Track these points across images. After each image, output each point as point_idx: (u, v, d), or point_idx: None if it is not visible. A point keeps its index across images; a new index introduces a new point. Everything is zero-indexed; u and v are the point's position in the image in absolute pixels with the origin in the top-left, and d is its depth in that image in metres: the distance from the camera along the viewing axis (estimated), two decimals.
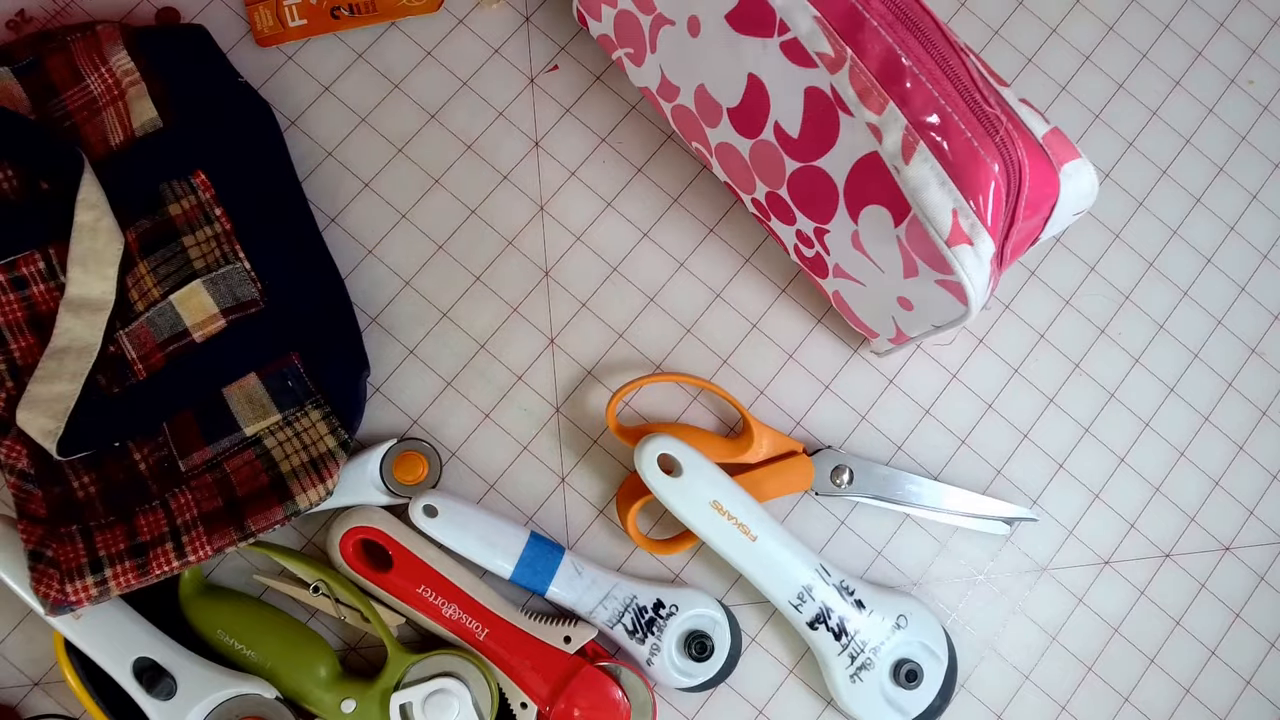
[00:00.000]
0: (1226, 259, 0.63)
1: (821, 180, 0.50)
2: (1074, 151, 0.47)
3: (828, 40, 0.45)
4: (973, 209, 0.44)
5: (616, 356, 0.59)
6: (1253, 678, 0.59)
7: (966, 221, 0.44)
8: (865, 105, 0.45)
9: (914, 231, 0.46)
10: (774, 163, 0.52)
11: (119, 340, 0.53)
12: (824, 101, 0.47)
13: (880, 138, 0.45)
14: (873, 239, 0.49)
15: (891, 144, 0.45)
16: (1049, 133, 0.47)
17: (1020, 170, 0.45)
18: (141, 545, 0.50)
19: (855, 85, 0.45)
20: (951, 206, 0.44)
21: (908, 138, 0.44)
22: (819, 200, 0.51)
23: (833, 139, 0.48)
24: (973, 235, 0.44)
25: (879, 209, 0.47)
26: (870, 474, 0.58)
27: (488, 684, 0.52)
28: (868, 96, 0.45)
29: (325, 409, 0.53)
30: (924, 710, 0.54)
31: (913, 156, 0.44)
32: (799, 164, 0.50)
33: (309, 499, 0.51)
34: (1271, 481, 0.61)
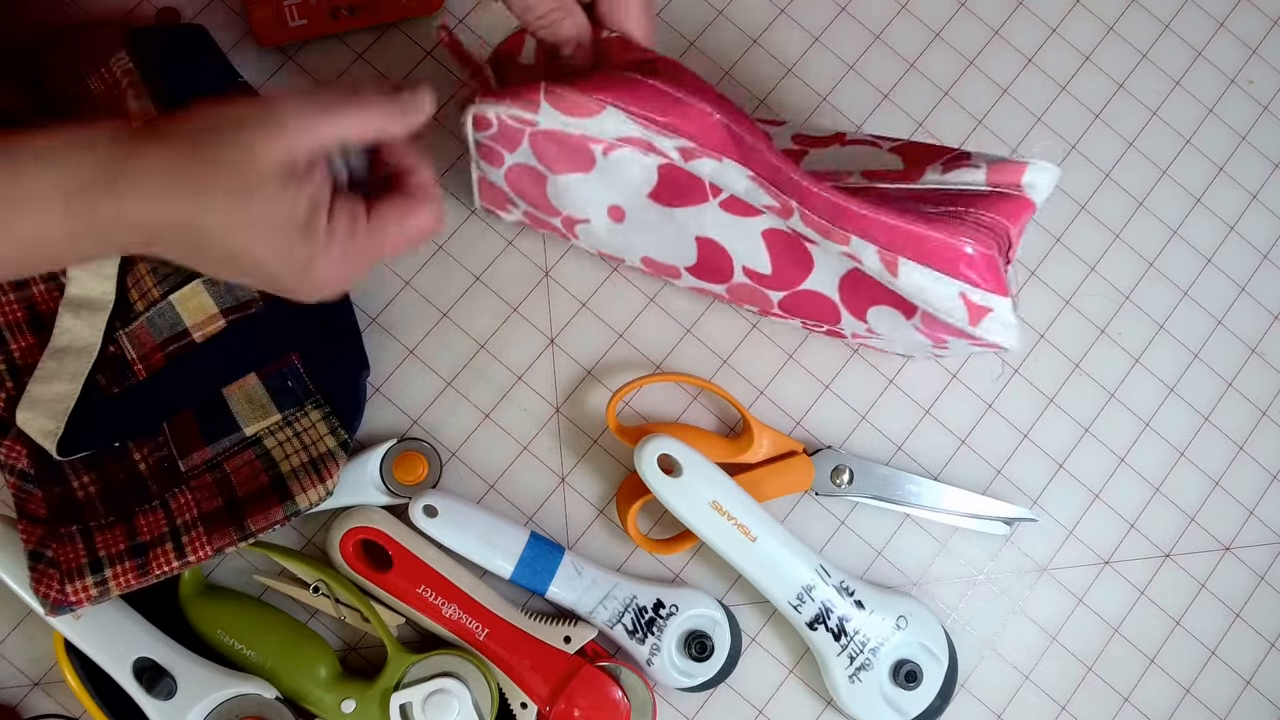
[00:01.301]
0: (1226, 259, 0.63)
1: (815, 298, 0.49)
2: (1018, 166, 0.45)
3: (769, 194, 0.44)
4: (976, 286, 0.44)
5: (616, 356, 0.59)
6: (1253, 678, 0.59)
7: (977, 297, 0.44)
8: (831, 240, 0.44)
9: (930, 320, 0.46)
10: (757, 295, 0.51)
11: (119, 340, 0.53)
12: (786, 238, 0.46)
13: (859, 260, 0.44)
14: (889, 329, 0.49)
15: (872, 264, 0.44)
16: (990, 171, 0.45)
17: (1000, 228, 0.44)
18: (141, 545, 0.50)
19: (813, 227, 0.44)
20: (958, 293, 0.44)
21: (885, 256, 0.44)
22: (819, 312, 0.51)
23: (809, 264, 0.47)
24: (988, 304, 0.44)
25: (885, 309, 0.47)
26: (870, 474, 0.57)
27: (488, 684, 0.52)
28: (829, 234, 0.44)
29: (325, 409, 0.53)
30: (924, 710, 0.54)
31: (898, 269, 0.44)
32: (784, 292, 0.50)
33: (309, 499, 0.51)
34: (1271, 481, 0.61)
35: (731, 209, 0.46)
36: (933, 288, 0.44)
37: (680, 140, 0.44)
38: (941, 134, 0.62)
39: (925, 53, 0.63)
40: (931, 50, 0.64)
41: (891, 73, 0.63)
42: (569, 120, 0.44)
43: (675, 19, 0.62)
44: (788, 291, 0.50)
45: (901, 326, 0.48)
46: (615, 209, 0.49)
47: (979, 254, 0.44)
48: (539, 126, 0.44)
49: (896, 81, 0.63)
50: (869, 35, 0.63)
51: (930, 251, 0.43)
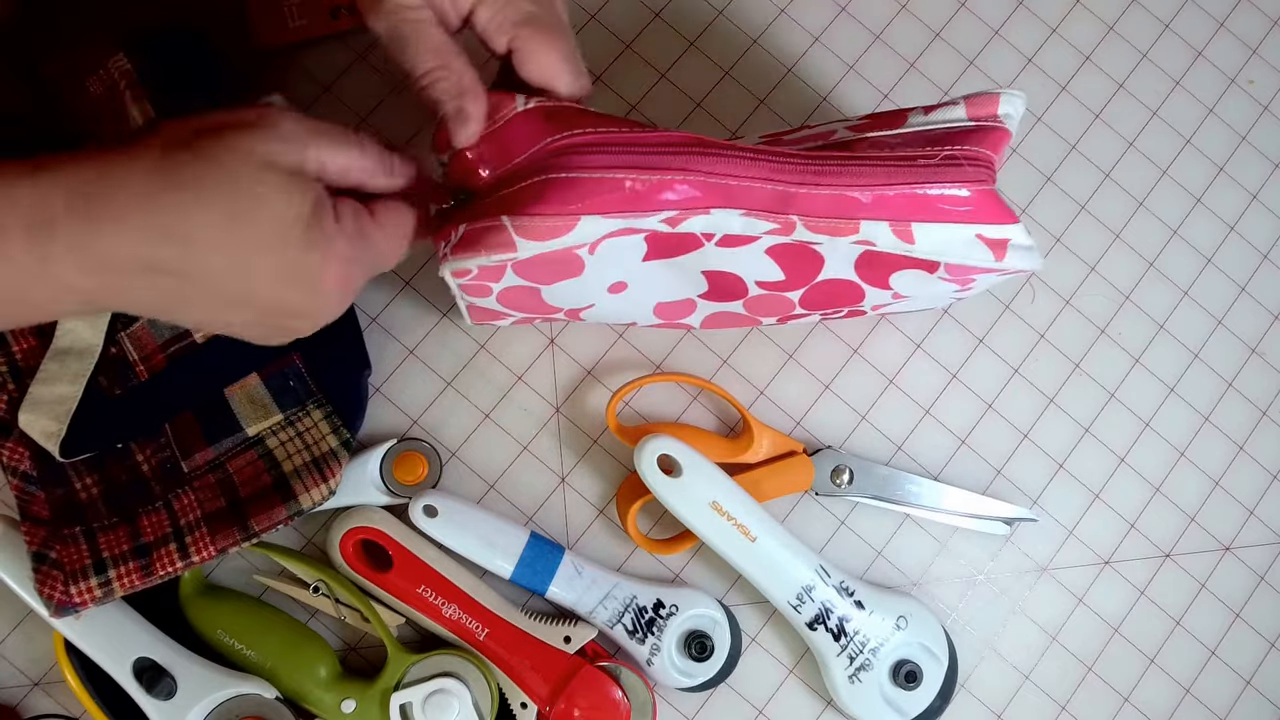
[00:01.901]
0: (1226, 259, 0.63)
1: (834, 285, 0.49)
2: (992, 97, 0.46)
3: (766, 220, 0.44)
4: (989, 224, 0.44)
5: (616, 356, 0.59)
6: (1253, 678, 0.59)
7: (993, 233, 0.44)
8: (840, 235, 0.44)
9: (955, 269, 0.46)
10: (776, 302, 0.51)
11: (120, 341, 0.53)
12: (790, 248, 0.46)
13: (873, 243, 0.44)
14: (916, 288, 0.49)
15: (887, 242, 0.44)
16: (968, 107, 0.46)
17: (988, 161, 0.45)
18: (145, 546, 0.50)
19: (819, 230, 0.44)
20: (975, 235, 0.44)
21: (897, 229, 0.44)
22: (842, 297, 0.51)
23: (819, 262, 0.47)
24: (1005, 235, 0.44)
25: (909, 271, 0.47)
26: (870, 474, 0.57)
27: (488, 684, 0.52)
28: (837, 230, 0.44)
29: (327, 408, 0.53)
30: (923, 711, 0.54)
31: (914, 236, 0.44)
32: (802, 289, 0.50)
33: (312, 499, 0.51)
34: (1271, 481, 0.61)
35: (730, 244, 0.46)
36: (951, 238, 0.44)
37: (663, 213, 0.43)
38: None
39: (925, 53, 0.63)
40: (931, 50, 0.64)
41: (891, 73, 0.63)
42: (547, 244, 0.43)
43: (675, 19, 0.62)
44: (806, 287, 0.50)
45: (927, 282, 0.48)
46: (616, 285, 0.49)
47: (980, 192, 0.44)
48: (519, 256, 0.43)
49: (896, 81, 0.63)
50: (869, 35, 0.63)
51: (940, 205, 0.44)
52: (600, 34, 0.62)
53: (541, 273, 0.46)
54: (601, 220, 0.42)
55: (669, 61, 0.62)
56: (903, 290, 0.49)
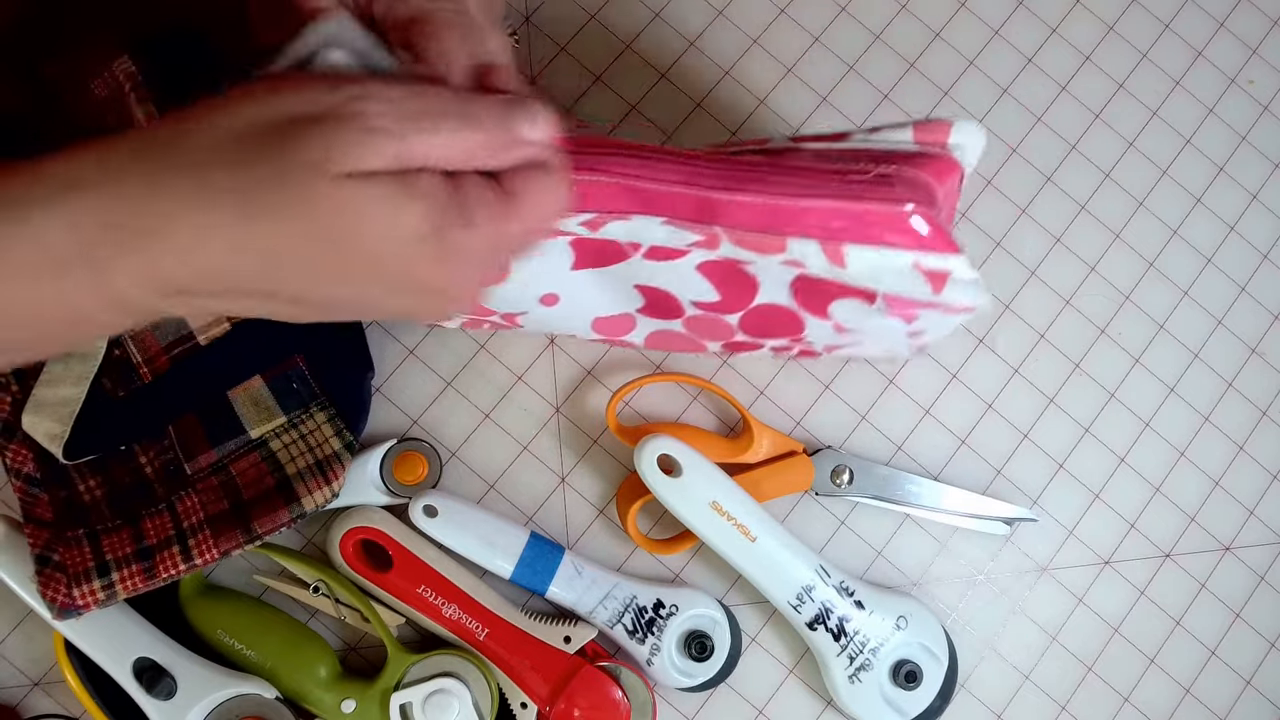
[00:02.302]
0: (1226, 259, 0.63)
1: (771, 311, 0.48)
2: (943, 124, 0.44)
3: (691, 230, 0.42)
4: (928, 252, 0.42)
5: (616, 356, 0.59)
6: (1253, 678, 0.59)
7: (930, 262, 0.42)
8: (766, 253, 0.42)
9: (893, 300, 0.44)
10: (716, 324, 0.50)
11: (124, 343, 0.53)
12: (722, 265, 0.45)
13: (803, 265, 0.42)
14: (855, 320, 0.47)
15: (817, 264, 0.42)
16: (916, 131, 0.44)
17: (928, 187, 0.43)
18: (148, 549, 0.50)
19: (745, 246, 0.42)
20: (910, 263, 0.42)
21: (828, 250, 0.42)
22: (780, 325, 0.49)
23: (753, 284, 0.46)
24: (945, 266, 0.42)
25: (846, 300, 0.45)
26: (870, 474, 0.57)
27: (488, 684, 0.52)
28: (763, 247, 0.42)
29: (330, 410, 0.53)
30: (923, 711, 0.54)
31: (845, 258, 0.42)
32: (740, 312, 0.48)
33: (315, 501, 0.51)
34: (1271, 481, 0.61)
35: (657, 257, 0.45)
36: (885, 265, 0.42)
37: (581, 215, 0.42)
38: None
39: (925, 53, 0.63)
40: (931, 50, 0.64)
41: (891, 73, 0.63)
42: None
43: (675, 19, 0.62)
44: (743, 311, 0.48)
45: (868, 314, 0.46)
46: (548, 297, 0.48)
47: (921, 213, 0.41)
48: None
49: (896, 81, 0.63)
50: (869, 35, 0.63)
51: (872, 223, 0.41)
52: (600, 34, 0.62)
53: None
54: None
55: (669, 61, 0.62)
56: (844, 322, 0.47)
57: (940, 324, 0.47)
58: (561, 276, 0.47)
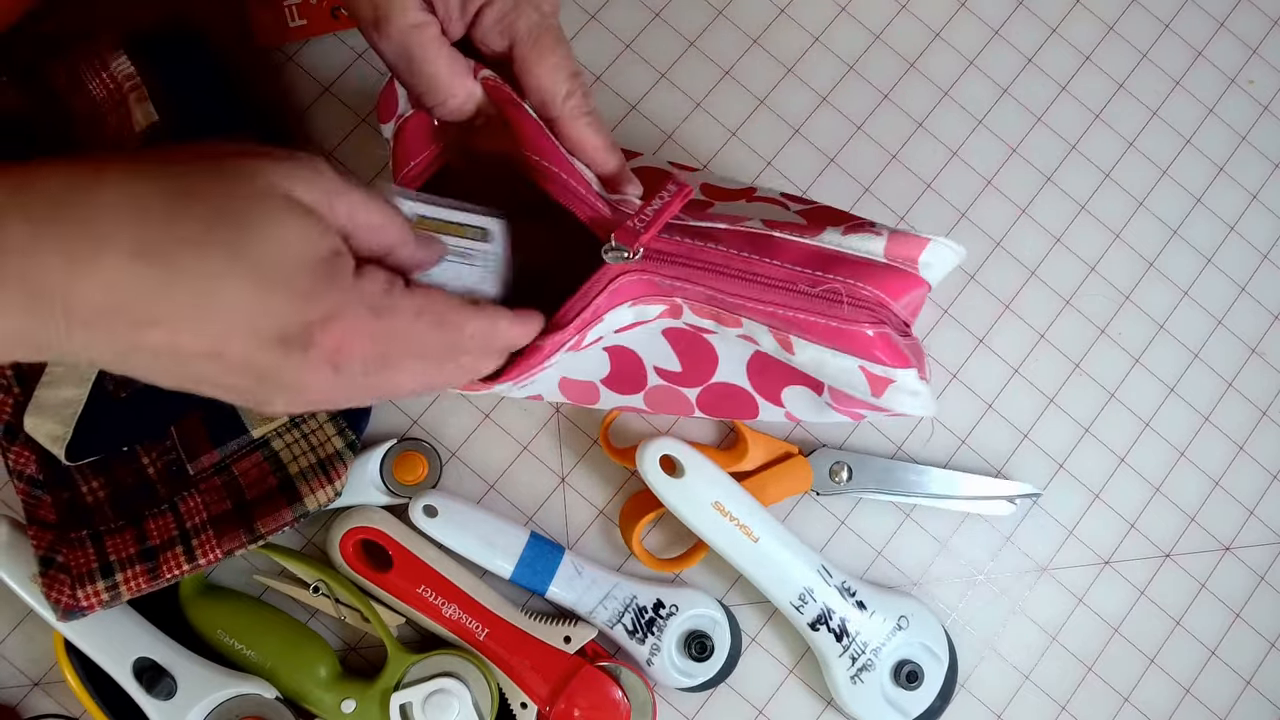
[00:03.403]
0: (1226, 259, 0.63)
1: (728, 390, 0.49)
2: (920, 241, 0.44)
3: (655, 304, 0.44)
4: (874, 361, 0.43)
5: None
6: (1253, 678, 0.59)
7: (878, 370, 0.43)
8: (724, 325, 0.44)
9: (839, 395, 0.46)
10: (675, 398, 0.51)
11: None
12: (685, 334, 0.46)
13: (756, 341, 0.44)
14: (807, 411, 0.49)
15: (768, 344, 0.44)
16: (889, 243, 0.43)
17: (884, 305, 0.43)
18: (152, 549, 0.50)
19: (704, 315, 0.44)
20: (857, 365, 0.43)
21: (778, 336, 0.43)
22: (736, 405, 0.50)
23: (713, 356, 0.47)
24: (890, 375, 0.43)
25: (797, 388, 0.47)
26: (869, 468, 0.57)
27: (488, 684, 0.52)
28: (722, 319, 0.44)
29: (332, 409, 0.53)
30: (924, 711, 0.54)
31: (793, 346, 0.43)
32: (698, 388, 0.50)
33: (318, 500, 0.51)
34: (1271, 481, 0.61)
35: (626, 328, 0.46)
36: (831, 361, 0.43)
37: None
38: (941, 134, 0.62)
39: (925, 53, 0.63)
40: (931, 51, 0.64)
41: (891, 73, 0.63)
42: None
43: (675, 19, 0.62)
44: (702, 387, 0.50)
45: (818, 405, 0.48)
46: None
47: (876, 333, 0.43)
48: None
49: (896, 82, 0.63)
50: (869, 35, 0.63)
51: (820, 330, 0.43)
52: (600, 34, 0.62)
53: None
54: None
55: (669, 62, 0.62)
56: (795, 411, 0.49)
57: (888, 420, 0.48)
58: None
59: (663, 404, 0.52)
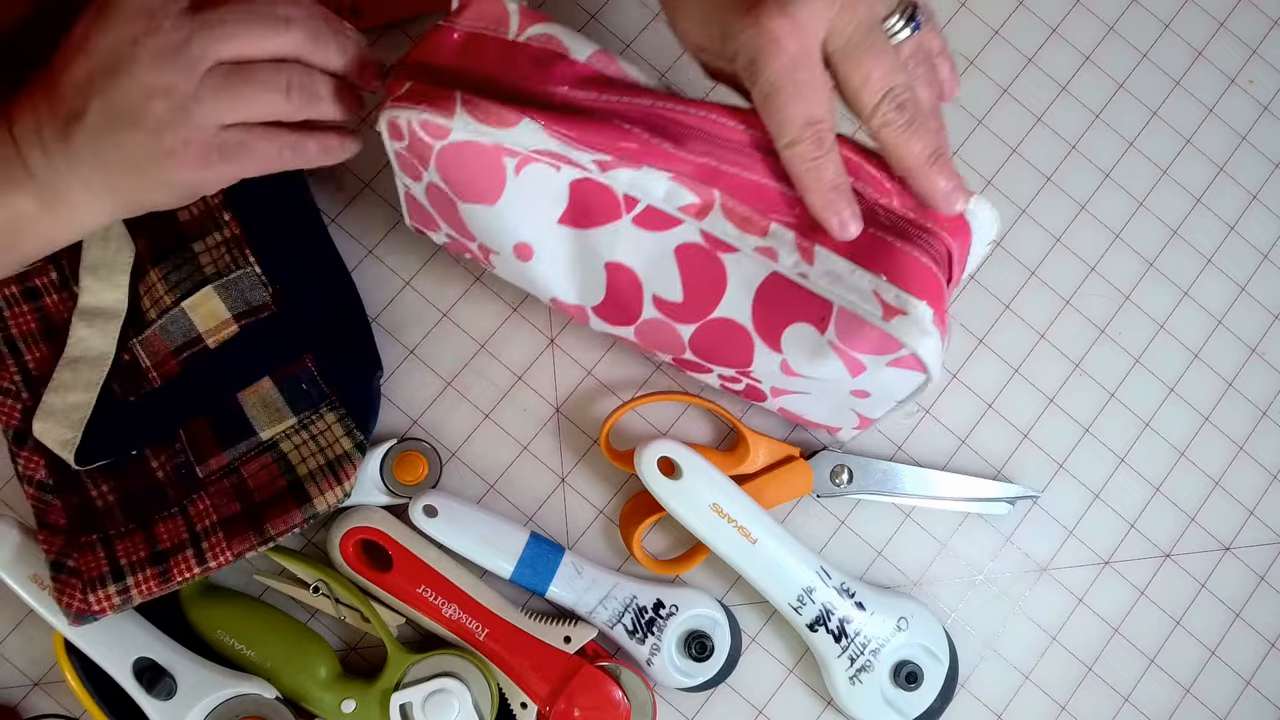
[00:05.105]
0: (1226, 259, 0.63)
1: (726, 328, 0.48)
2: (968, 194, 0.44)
3: (690, 191, 0.43)
4: (891, 281, 0.42)
5: (617, 357, 0.59)
6: (1253, 678, 0.59)
7: (890, 294, 0.42)
8: (748, 233, 0.43)
9: (845, 327, 0.44)
10: (668, 334, 0.50)
11: (133, 348, 0.53)
12: (699, 252, 0.45)
13: (775, 256, 0.43)
14: (805, 358, 0.47)
15: (788, 258, 0.43)
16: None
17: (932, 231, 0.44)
18: (162, 553, 0.50)
19: (732, 220, 0.43)
20: (870, 287, 0.42)
21: (801, 243, 0.43)
22: (731, 347, 0.49)
23: (722, 283, 0.46)
24: (903, 305, 0.42)
25: (800, 326, 0.46)
26: (869, 470, 0.57)
27: (488, 684, 0.53)
28: (748, 224, 0.43)
29: (340, 411, 0.53)
30: (924, 711, 0.54)
31: (814, 258, 0.43)
32: (695, 325, 0.48)
33: (327, 501, 0.51)
34: (1271, 481, 0.61)
35: (646, 224, 0.45)
36: (847, 277, 0.43)
37: (597, 154, 0.43)
38: None
39: None
40: None
41: None
42: (483, 129, 0.42)
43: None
44: (699, 323, 0.48)
45: (818, 348, 0.46)
46: (522, 246, 0.48)
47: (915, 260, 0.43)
48: (451, 138, 0.43)
49: None
50: None
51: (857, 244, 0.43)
52: (600, 34, 0.62)
53: (462, 178, 0.45)
54: (541, 133, 0.42)
55: (669, 61, 0.62)
56: (793, 360, 0.47)
57: (884, 388, 0.47)
58: (544, 227, 0.46)
59: (653, 339, 0.51)
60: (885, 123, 0.41)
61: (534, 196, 0.45)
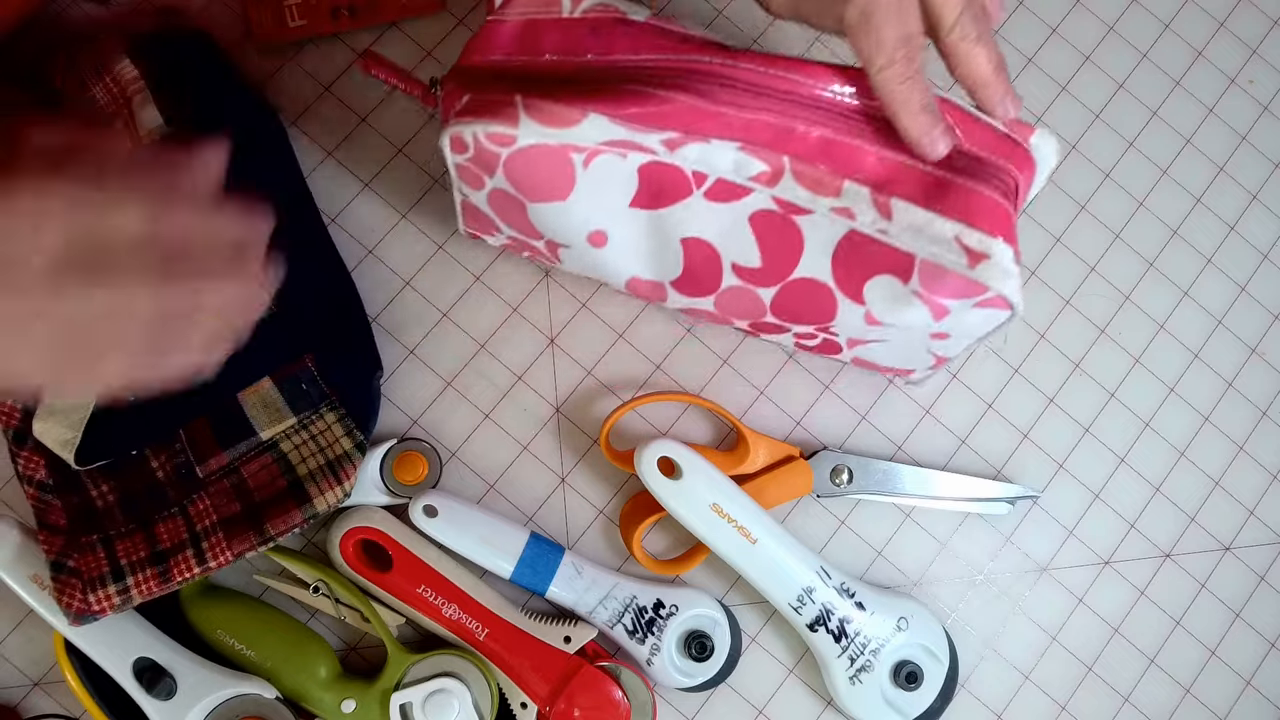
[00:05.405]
0: (1226, 259, 0.63)
1: (807, 287, 0.48)
2: (1028, 126, 0.46)
3: (759, 159, 0.43)
4: (974, 228, 0.43)
5: (617, 357, 0.59)
6: (1253, 678, 0.59)
7: (973, 239, 0.42)
8: (821, 195, 0.43)
9: (929, 276, 0.44)
10: (748, 300, 0.50)
11: None
12: (774, 218, 0.45)
13: (852, 215, 0.43)
14: (888, 307, 0.47)
15: (865, 215, 0.43)
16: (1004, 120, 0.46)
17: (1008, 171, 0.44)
18: (162, 553, 0.50)
19: (804, 184, 0.43)
20: (952, 234, 0.42)
21: (877, 198, 0.43)
22: (813, 306, 0.49)
23: (799, 245, 0.46)
24: (986, 249, 0.42)
25: (882, 278, 0.46)
26: (869, 470, 0.57)
27: (488, 684, 0.53)
28: (821, 186, 0.43)
29: (340, 411, 0.53)
30: (924, 711, 0.54)
31: (892, 212, 0.43)
32: (776, 287, 0.48)
33: (327, 501, 0.51)
34: (1271, 481, 0.61)
35: (717, 197, 0.45)
36: (927, 228, 0.43)
37: (665, 133, 0.43)
38: None
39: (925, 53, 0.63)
40: (932, 50, 0.63)
41: None
42: (549, 131, 0.42)
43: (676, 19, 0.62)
44: (780, 285, 0.48)
45: (902, 298, 0.46)
46: (596, 234, 0.48)
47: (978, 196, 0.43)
48: (517, 145, 0.42)
49: None
50: None
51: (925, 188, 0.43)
52: None
53: (531, 181, 0.45)
54: (605, 123, 0.42)
55: None
56: (876, 310, 0.47)
57: (966, 328, 0.47)
58: (617, 213, 0.46)
59: (733, 308, 0.51)
60: (964, 35, 0.43)
61: (604, 186, 0.45)
